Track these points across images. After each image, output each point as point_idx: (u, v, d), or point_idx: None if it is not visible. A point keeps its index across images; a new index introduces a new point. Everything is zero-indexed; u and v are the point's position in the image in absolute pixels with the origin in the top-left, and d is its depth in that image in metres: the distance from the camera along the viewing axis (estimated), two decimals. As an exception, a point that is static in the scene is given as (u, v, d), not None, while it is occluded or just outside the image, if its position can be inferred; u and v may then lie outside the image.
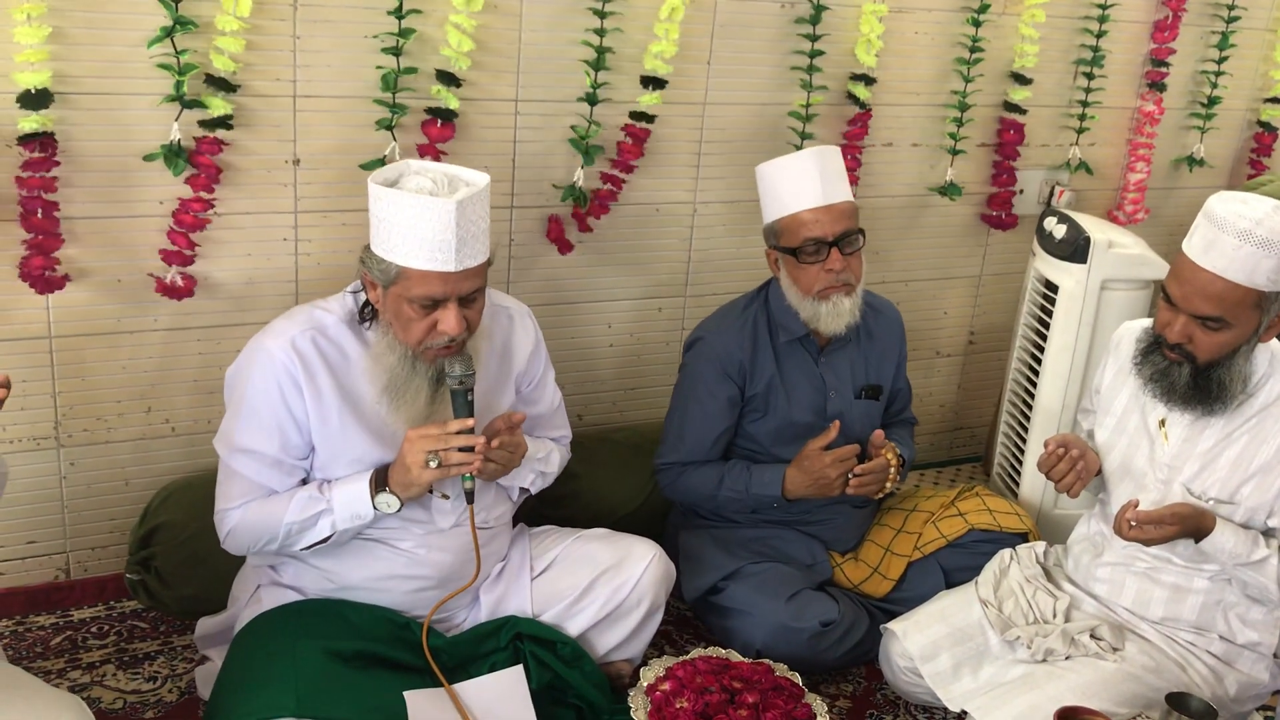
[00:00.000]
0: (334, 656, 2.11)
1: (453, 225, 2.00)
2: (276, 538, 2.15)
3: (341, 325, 2.19)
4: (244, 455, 2.16)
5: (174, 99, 2.39)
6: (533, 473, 2.39)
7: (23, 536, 2.65)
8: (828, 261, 2.53)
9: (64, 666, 2.48)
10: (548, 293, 3.01)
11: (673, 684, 2.27)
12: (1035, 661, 2.31)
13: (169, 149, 2.42)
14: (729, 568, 2.63)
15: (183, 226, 2.50)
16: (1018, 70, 3.36)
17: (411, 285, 2.05)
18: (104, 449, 2.65)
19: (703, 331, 2.73)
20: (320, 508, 2.13)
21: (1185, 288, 2.18)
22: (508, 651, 2.30)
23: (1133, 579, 2.37)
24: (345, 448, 2.17)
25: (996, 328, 3.70)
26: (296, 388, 2.13)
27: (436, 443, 2.06)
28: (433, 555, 2.25)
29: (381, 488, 2.12)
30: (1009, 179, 3.49)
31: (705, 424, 2.69)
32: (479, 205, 2.06)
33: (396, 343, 2.12)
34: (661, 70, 2.84)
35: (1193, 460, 2.29)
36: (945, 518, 2.75)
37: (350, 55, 2.58)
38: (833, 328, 2.59)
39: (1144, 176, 3.65)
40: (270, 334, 2.17)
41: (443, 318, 2.07)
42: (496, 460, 2.17)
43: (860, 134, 3.19)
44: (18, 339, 2.48)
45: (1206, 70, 3.68)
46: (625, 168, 2.90)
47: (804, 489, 2.61)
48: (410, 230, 2.01)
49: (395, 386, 2.12)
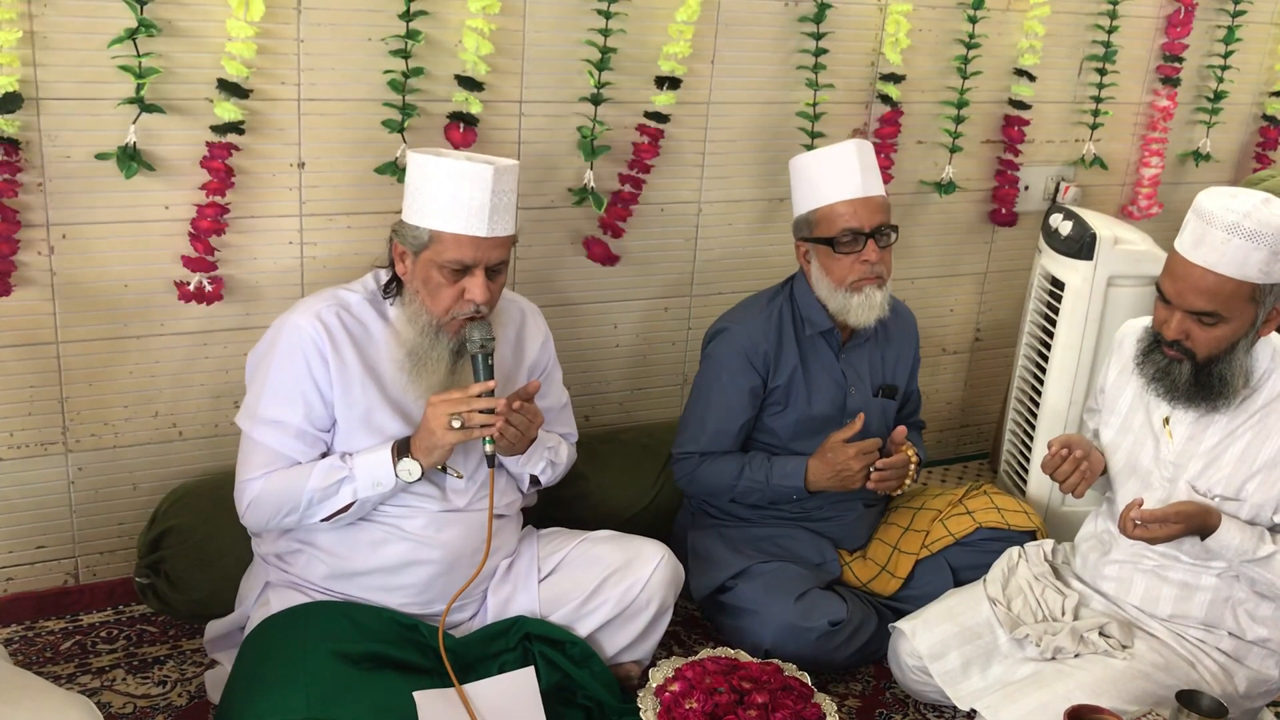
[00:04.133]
0: (343, 658, 2.12)
1: (489, 190, 2.12)
2: (298, 507, 2.18)
3: (365, 303, 2.28)
4: (268, 426, 2.21)
5: (133, 101, 2.38)
6: (543, 460, 2.40)
7: (32, 541, 2.65)
8: (864, 253, 2.54)
9: (74, 671, 2.48)
10: (554, 294, 3.01)
11: (682, 685, 2.27)
12: (1044, 659, 2.31)
13: (123, 151, 2.41)
14: (737, 567, 2.64)
15: (201, 232, 2.51)
16: (1022, 67, 3.35)
17: (444, 249, 2.14)
18: (112, 454, 2.66)
19: (727, 322, 2.73)
20: (342, 475, 2.18)
21: (1178, 284, 2.18)
22: (517, 652, 2.30)
23: (1141, 576, 2.37)
24: (366, 420, 2.22)
25: (1003, 324, 3.70)
26: (322, 359, 2.19)
27: (459, 405, 2.13)
28: (442, 534, 2.27)
29: (403, 456, 2.17)
30: (1012, 175, 3.48)
31: (728, 414, 2.69)
32: (511, 178, 2.18)
33: (422, 311, 2.19)
34: (678, 71, 2.84)
35: (1197, 458, 2.28)
36: (953, 516, 2.75)
37: (355, 59, 2.58)
38: (863, 320, 2.59)
39: (1158, 171, 3.66)
40: (296, 311, 2.25)
41: (470, 285, 2.16)
42: (516, 425, 2.20)
43: (893, 132, 3.21)
44: (25, 344, 2.49)
45: (1213, 65, 3.67)
46: (643, 168, 2.91)
47: (826, 480, 2.61)
48: (447, 195, 2.13)
49: (417, 356, 2.20)
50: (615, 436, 3.10)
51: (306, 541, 2.28)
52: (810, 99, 3.07)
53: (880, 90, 3.18)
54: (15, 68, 2.28)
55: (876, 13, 3.13)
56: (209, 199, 2.50)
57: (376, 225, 2.68)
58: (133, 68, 2.36)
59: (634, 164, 2.91)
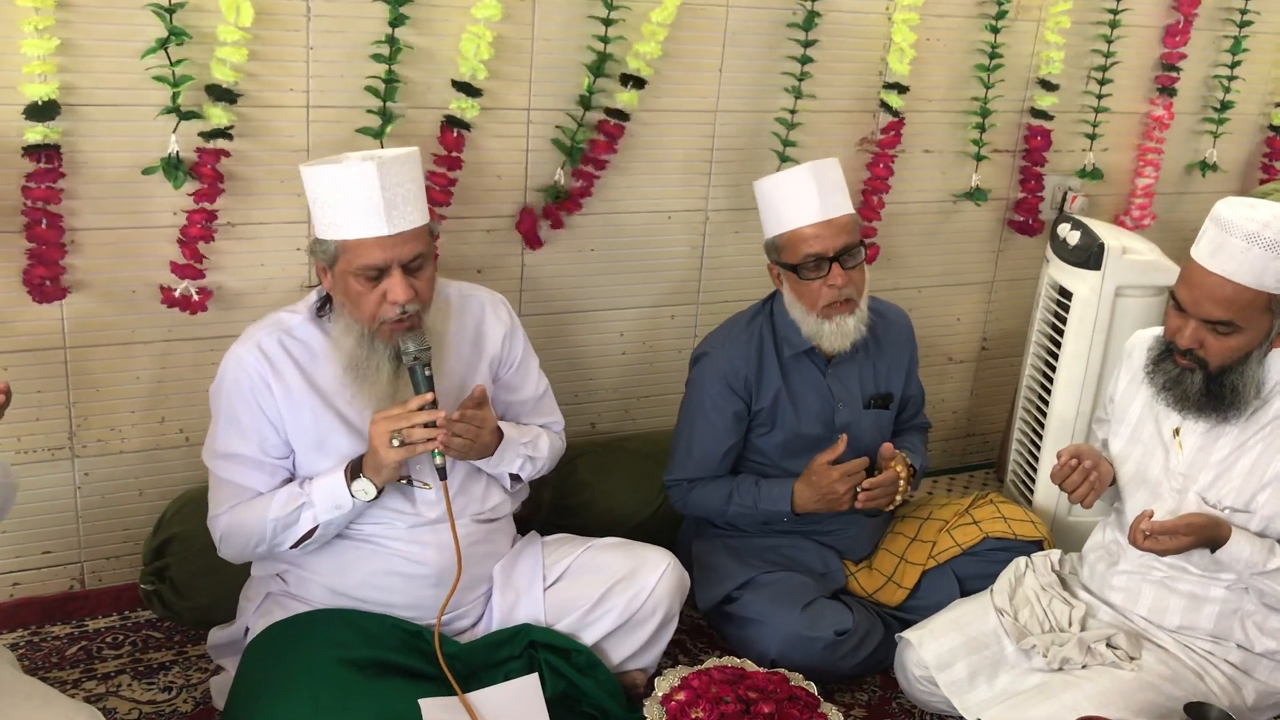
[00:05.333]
0: (349, 665, 2.12)
1: (376, 186, 2.05)
2: (265, 538, 2.18)
3: (306, 323, 2.25)
4: (226, 460, 2.22)
5: (171, 110, 2.40)
6: (520, 457, 2.38)
7: (38, 547, 2.65)
8: (829, 277, 2.53)
9: (79, 677, 2.48)
10: (560, 300, 3.01)
11: (688, 694, 2.27)
12: (1051, 670, 2.30)
13: (168, 161, 2.42)
14: (743, 577, 2.63)
15: (190, 238, 2.51)
16: (1044, 77, 3.36)
17: (352, 257, 2.10)
18: (118, 459, 2.66)
19: (708, 347, 2.72)
20: (300, 501, 2.17)
21: (1195, 292, 2.17)
22: (522, 660, 2.30)
23: (1149, 587, 2.36)
24: (320, 444, 2.21)
25: (1010, 334, 3.69)
26: (266, 387, 2.19)
27: (398, 421, 2.10)
28: (425, 551, 2.26)
29: (357, 476, 2.16)
30: (1037, 185, 3.50)
31: (713, 440, 2.68)
32: (403, 168, 2.10)
33: (354, 324, 2.16)
34: (644, 71, 2.82)
35: (1207, 469, 2.28)
36: (960, 525, 2.74)
37: (362, 66, 2.58)
38: (836, 346, 2.59)
39: (1151, 181, 3.65)
40: (240, 341, 2.24)
41: (390, 286, 2.11)
42: (462, 435, 2.19)
43: (893, 142, 3.21)
44: (32, 349, 2.49)
45: (1219, 75, 3.67)
46: (598, 164, 2.88)
47: (812, 504, 2.60)
48: (339, 202, 2.07)
49: (356, 367, 2.17)
50: (620, 444, 3.10)
51: (294, 563, 2.28)
52: (795, 106, 3.05)
53: (883, 99, 3.18)
54: (53, 75, 2.30)
55: (885, 22, 3.13)
56: (198, 205, 2.50)
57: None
58: (167, 77, 2.37)
59: (587, 158, 2.86)
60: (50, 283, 2.41)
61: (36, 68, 2.28)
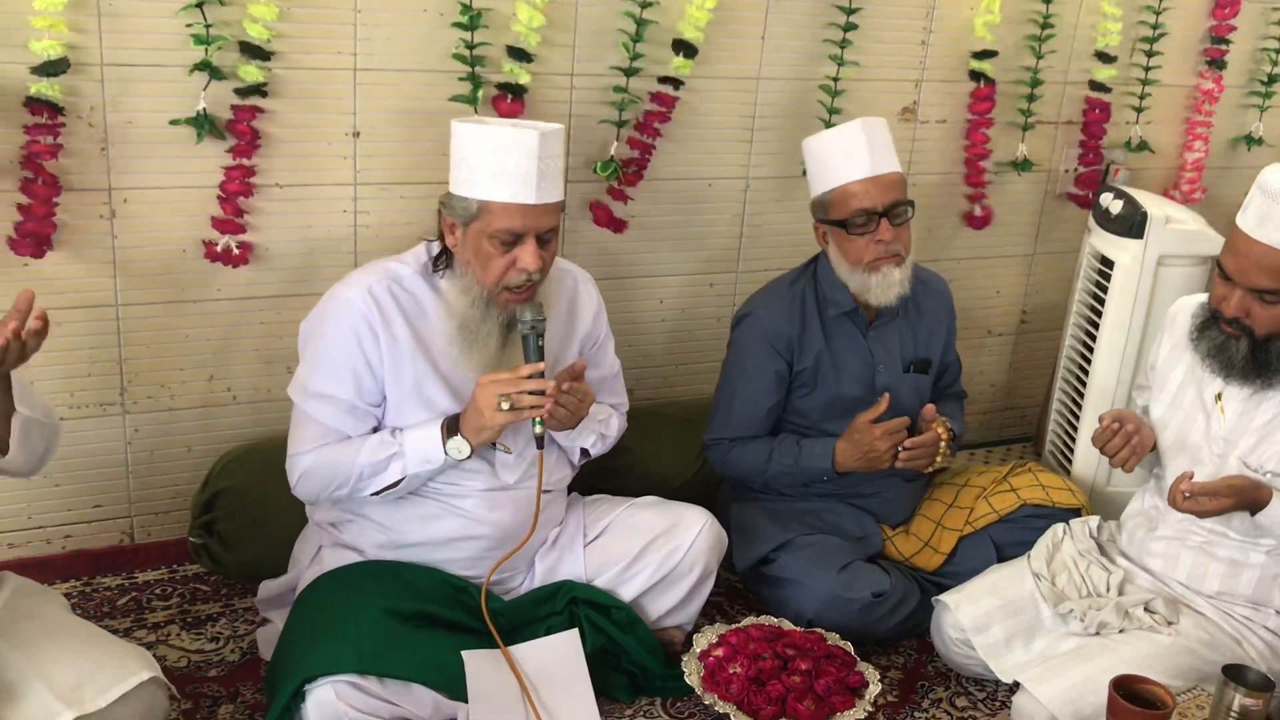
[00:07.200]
0: (395, 616, 2.16)
1: (535, 156, 2.10)
2: (348, 481, 2.20)
3: (416, 276, 2.26)
4: (319, 401, 2.22)
5: (203, 66, 2.43)
6: (594, 434, 2.41)
7: (89, 500, 2.71)
8: (877, 232, 2.54)
9: (130, 626, 2.54)
10: (600, 267, 3.02)
11: (726, 650, 2.30)
12: (1088, 634, 2.31)
13: (196, 117, 2.45)
14: (780, 539, 2.65)
15: (230, 194, 2.54)
16: (1101, 49, 3.34)
17: (493, 219, 2.13)
18: (167, 416, 2.71)
19: (750, 307, 2.74)
20: (392, 451, 2.18)
21: (1241, 261, 2.16)
22: (563, 615, 2.33)
23: (1188, 553, 2.36)
24: (417, 395, 2.23)
25: (1049, 307, 3.68)
26: (373, 334, 2.19)
27: (508, 386, 2.12)
28: (493, 513, 2.29)
29: (453, 434, 2.17)
30: (1095, 158, 3.48)
31: (754, 399, 2.70)
32: (556, 143, 2.16)
33: (473, 283, 2.18)
34: (697, 38, 2.82)
35: (1249, 434, 2.27)
36: (997, 493, 2.75)
37: (411, 29, 2.61)
38: (883, 299, 2.59)
39: (1201, 155, 3.62)
40: (347, 284, 2.23)
41: (522, 254, 2.14)
42: (566, 405, 2.21)
43: (986, 108, 3.23)
44: (85, 305, 2.54)
45: (1267, 48, 3.63)
46: (653, 133, 2.89)
47: (854, 462, 2.62)
48: (494, 164, 2.11)
49: (468, 329, 2.18)
50: (660, 410, 3.12)
51: (359, 513, 2.31)
52: (838, 74, 3.05)
53: (971, 67, 3.20)
54: (62, 33, 2.32)
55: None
56: (235, 161, 2.53)
57: (429, 195, 2.71)
58: (201, 35, 2.40)
59: (643, 128, 2.88)
60: (34, 239, 2.40)
61: (44, 22, 2.28)
